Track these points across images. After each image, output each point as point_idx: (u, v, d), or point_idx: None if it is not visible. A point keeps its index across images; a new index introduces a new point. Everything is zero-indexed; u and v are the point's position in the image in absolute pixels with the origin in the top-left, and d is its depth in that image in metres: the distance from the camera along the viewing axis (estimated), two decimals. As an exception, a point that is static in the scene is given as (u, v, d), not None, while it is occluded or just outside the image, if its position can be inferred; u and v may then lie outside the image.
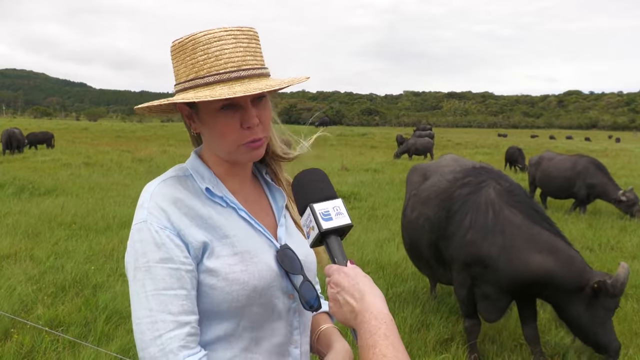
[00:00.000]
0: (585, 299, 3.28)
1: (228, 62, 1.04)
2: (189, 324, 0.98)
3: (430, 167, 4.73)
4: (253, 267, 1.06)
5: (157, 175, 1.13)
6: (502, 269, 3.41)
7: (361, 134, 45.17)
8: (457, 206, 3.69)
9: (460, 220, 3.62)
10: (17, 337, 3.73)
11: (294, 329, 1.14)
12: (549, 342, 4.07)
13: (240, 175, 1.17)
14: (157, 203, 1.03)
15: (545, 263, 3.30)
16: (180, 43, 1.06)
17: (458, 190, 3.77)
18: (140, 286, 0.98)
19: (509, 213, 3.48)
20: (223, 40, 1.04)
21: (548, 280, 3.32)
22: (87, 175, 13.16)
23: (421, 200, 4.12)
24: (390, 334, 0.87)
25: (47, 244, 6.34)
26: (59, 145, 22.90)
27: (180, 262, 1.00)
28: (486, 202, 3.56)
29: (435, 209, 3.88)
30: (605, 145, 37.03)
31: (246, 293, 1.04)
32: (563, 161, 10.21)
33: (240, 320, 1.06)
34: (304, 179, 1.08)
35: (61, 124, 63.36)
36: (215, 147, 1.11)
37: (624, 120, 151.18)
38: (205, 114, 1.07)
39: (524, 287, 3.46)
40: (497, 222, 3.47)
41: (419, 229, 4.05)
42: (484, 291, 3.59)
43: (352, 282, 0.95)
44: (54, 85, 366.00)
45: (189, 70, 1.05)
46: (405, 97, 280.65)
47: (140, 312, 0.98)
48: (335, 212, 1.03)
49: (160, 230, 1.00)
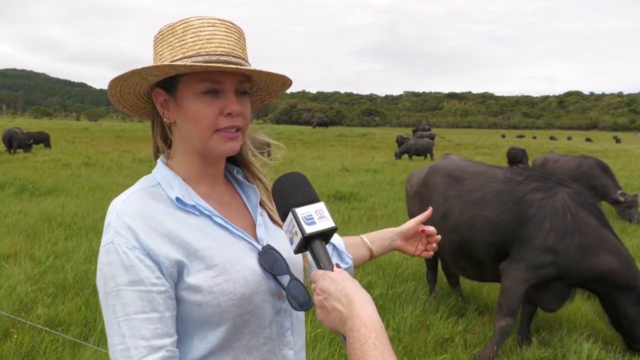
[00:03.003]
0: (634, 298, 3.78)
1: (219, 46, 1.01)
2: (163, 347, 0.94)
3: (453, 168, 4.66)
4: (236, 274, 1.02)
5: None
6: (575, 267, 3.75)
7: (361, 134, 45.14)
8: (534, 210, 3.87)
9: (539, 224, 3.83)
10: (17, 337, 3.73)
11: (286, 330, 1.12)
12: (549, 342, 4.07)
13: (212, 176, 1.12)
14: (124, 221, 0.98)
15: (612, 263, 3.72)
16: (170, 27, 1.03)
17: (530, 195, 3.95)
18: (112, 312, 0.95)
19: (584, 215, 3.81)
20: (216, 27, 1.03)
21: (610, 278, 3.75)
22: (87, 176, 13.15)
23: (474, 202, 4.21)
24: (379, 343, 0.85)
25: (47, 244, 6.34)
26: (60, 146, 22.89)
27: (151, 283, 0.95)
28: (563, 206, 3.84)
29: (498, 211, 4.03)
30: (605, 146, 37.00)
31: (234, 302, 1.01)
32: (568, 162, 10.16)
33: (231, 330, 1.03)
34: (284, 184, 1.05)
35: (61, 124, 63.37)
36: (190, 136, 1.06)
37: (624, 121, 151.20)
38: (185, 98, 1.03)
39: (589, 281, 3.83)
40: (574, 224, 3.78)
41: (475, 230, 4.14)
42: (551, 286, 3.90)
43: (339, 288, 0.92)
44: (54, 85, 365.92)
45: (175, 52, 1.01)
46: (406, 97, 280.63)
47: (114, 339, 0.95)
48: (318, 215, 1.00)
49: (128, 251, 0.95)
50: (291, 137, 36.36)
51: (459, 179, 4.47)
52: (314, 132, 46.99)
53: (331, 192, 10.78)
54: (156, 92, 1.07)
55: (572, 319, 4.64)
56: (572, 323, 4.53)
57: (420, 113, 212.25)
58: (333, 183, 12.48)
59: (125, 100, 1.12)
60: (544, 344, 4.05)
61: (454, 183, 4.49)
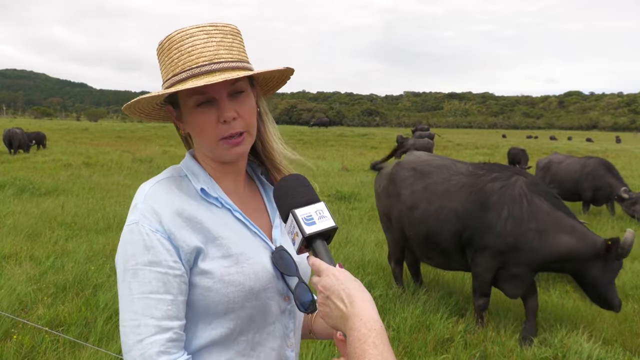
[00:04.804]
0: (600, 265, 3.95)
1: (200, 56, 1.03)
2: (171, 329, 0.97)
3: (418, 163, 4.86)
4: (248, 268, 1.05)
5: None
6: (536, 250, 3.98)
7: (361, 134, 45.11)
8: (494, 199, 4.11)
9: (499, 212, 4.07)
10: (17, 337, 3.73)
11: (290, 331, 1.13)
12: (549, 342, 4.07)
13: (232, 174, 1.15)
14: (150, 205, 1.02)
15: (570, 241, 3.96)
16: (161, 45, 1.07)
17: (490, 184, 4.20)
18: (127, 288, 0.98)
19: (538, 201, 4.05)
20: (195, 36, 1.04)
21: (572, 255, 3.97)
22: (88, 176, 13.15)
23: (440, 194, 4.41)
24: (379, 343, 0.86)
25: (47, 244, 6.34)
26: (60, 146, 22.90)
27: (168, 266, 0.99)
28: (520, 194, 4.07)
29: (463, 201, 4.25)
30: (605, 146, 36.97)
31: (242, 295, 1.03)
32: (572, 164, 10.13)
33: (236, 323, 1.05)
34: (284, 186, 1.07)
35: (62, 124, 63.36)
36: (200, 145, 1.11)
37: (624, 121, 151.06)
38: (185, 113, 1.08)
39: (552, 263, 4.06)
40: (530, 210, 4.02)
41: (441, 220, 4.34)
42: (513, 272, 4.13)
43: (342, 287, 0.94)
44: (55, 85, 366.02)
45: (167, 70, 1.06)
46: (406, 97, 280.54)
47: (126, 314, 0.98)
48: (318, 215, 1.01)
49: (151, 233, 0.99)
50: (291, 137, 36.35)
51: (424, 172, 4.69)
52: (314, 132, 46.96)
53: (331, 192, 10.79)
54: (168, 109, 1.13)
55: (572, 319, 4.65)
56: (572, 323, 4.53)
57: (420, 113, 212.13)
58: (333, 183, 12.49)
59: (151, 117, 1.18)
60: (544, 344, 4.05)
61: (419, 177, 4.69)
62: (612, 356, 3.86)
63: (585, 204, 9.97)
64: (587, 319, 4.67)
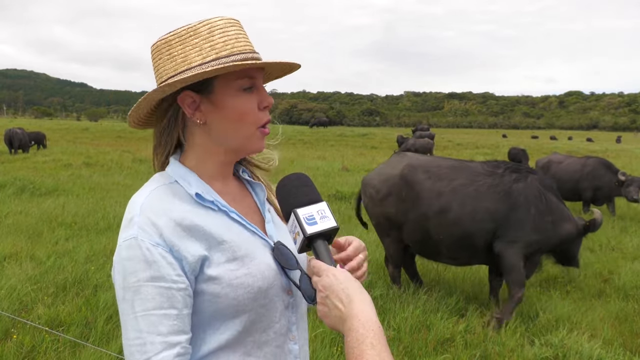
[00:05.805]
0: (578, 241, 4.82)
1: (246, 45, 1.05)
2: (178, 344, 0.96)
3: (427, 165, 4.93)
4: (255, 268, 1.05)
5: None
6: (550, 237, 4.59)
7: (362, 134, 45.12)
8: (522, 199, 4.58)
9: (527, 210, 4.55)
10: (17, 337, 3.74)
11: (292, 324, 1.14)
12: (550, 342, 4.07)
13: (225, 174, 1.15)
14: (148, 217, 0.98)
15: (570, 228, 4.64)
16: (191, 28, 1.03)
17: (515, 185, 4.64)
18: (130, 307, 0.96)
19: (550, 196, 4.65)
20: (236, 26, 1.07)
21: (569, 237, 4.67)
22: (88, 176, 13.16)
23: (472, 196, 4.66)
24: (377, 343, 0.86)
25: (47, 244, 6.34)
26: (60, 146, 22.91)
27: (172, 280, 0.96)
28: (539, 191, 4.62)
29: (495, 202, 4.61)
30: (606, 146, 36.97)
31: (252, 296, 1.03)
32: (572, 164, 10.16)
33: (244, 325, 1.04)
34: (287, 185, 1.06)
35: (62, 124, 63.36)
36: (226, 135, 1.07)
37: (624, 121, 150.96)
38: (224, 97, 1.04)
39: (557, 246, 4.70)
40: (547, 205, 4.61)
41: (478, 221, 4.61)
42: (533, 259, 4.70)
43: (341, 287, 0.94)
44: (55, 85, 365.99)
45: (205, 53, 1.02)
46: (406, 97, 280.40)
47: (130, 333, 0.96)
48: (320, 215, 1.01)
49: (152, 248, 0.96)
50: (291, 137, 36.38)
51: (440, 175, 4.82)
52: (314, 132, 46.97)
53: (331, 191, 10.79)
54: (183, 95, 1.05)
55: (572, 319, 4.65)
56: (572, 323, 4.53)
57: (420, 113, 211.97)
58: (333, 183, 12.49)
59: (139, 112, 1.12)
60: (544, 344, 4.04)
61: (437, 179, 4.79)
62: (612, 356, 3.86)
63: (585, 204, 9.98)
64: (587, 319, 4.67)
